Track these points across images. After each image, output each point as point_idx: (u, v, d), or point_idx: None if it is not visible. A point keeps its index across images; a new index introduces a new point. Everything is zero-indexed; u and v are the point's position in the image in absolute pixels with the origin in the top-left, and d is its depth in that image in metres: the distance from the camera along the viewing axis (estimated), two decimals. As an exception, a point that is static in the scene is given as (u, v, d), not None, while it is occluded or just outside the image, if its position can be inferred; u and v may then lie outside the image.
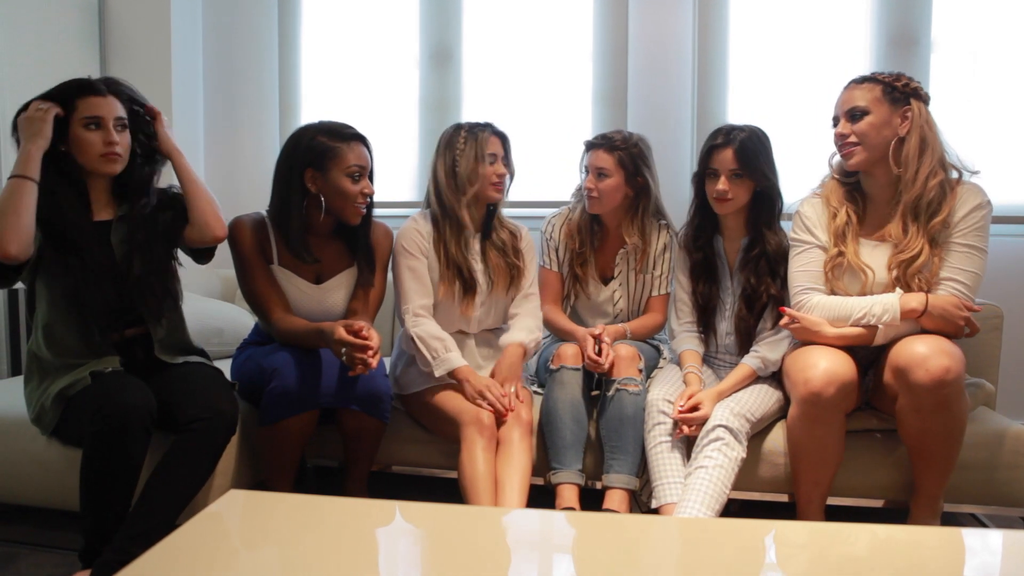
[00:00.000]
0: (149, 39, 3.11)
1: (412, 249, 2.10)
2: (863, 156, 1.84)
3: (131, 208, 1.81)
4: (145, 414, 1.61)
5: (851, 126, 1.84)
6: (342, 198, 1.93)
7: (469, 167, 2.07)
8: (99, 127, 1.73)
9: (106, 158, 1.74)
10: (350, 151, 1.91)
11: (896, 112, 1.82)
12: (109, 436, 1.57)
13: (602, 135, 2.20)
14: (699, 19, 2.91)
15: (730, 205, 1.99)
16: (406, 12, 3.18)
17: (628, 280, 2.26)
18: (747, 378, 1.99)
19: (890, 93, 1.82)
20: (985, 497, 1.92)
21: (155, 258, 1.82)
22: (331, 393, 1.87)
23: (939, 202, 1.79)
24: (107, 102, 1.75)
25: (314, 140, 1.92)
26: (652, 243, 2.23)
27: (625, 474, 1.92)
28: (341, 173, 1.91)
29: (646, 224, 2.22)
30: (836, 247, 1.88)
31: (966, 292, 1.78)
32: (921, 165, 1.80)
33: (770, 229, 2.03)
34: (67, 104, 1.73)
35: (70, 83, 1.76)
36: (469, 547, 1.22)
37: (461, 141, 2.09)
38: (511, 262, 2.17)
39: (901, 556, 1.20)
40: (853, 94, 1.86)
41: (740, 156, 1.95)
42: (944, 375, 1.65)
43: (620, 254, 2.25)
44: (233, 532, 1.25)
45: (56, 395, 1.73)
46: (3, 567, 1.83)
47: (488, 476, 1.85)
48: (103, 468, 1.59)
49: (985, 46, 2.73)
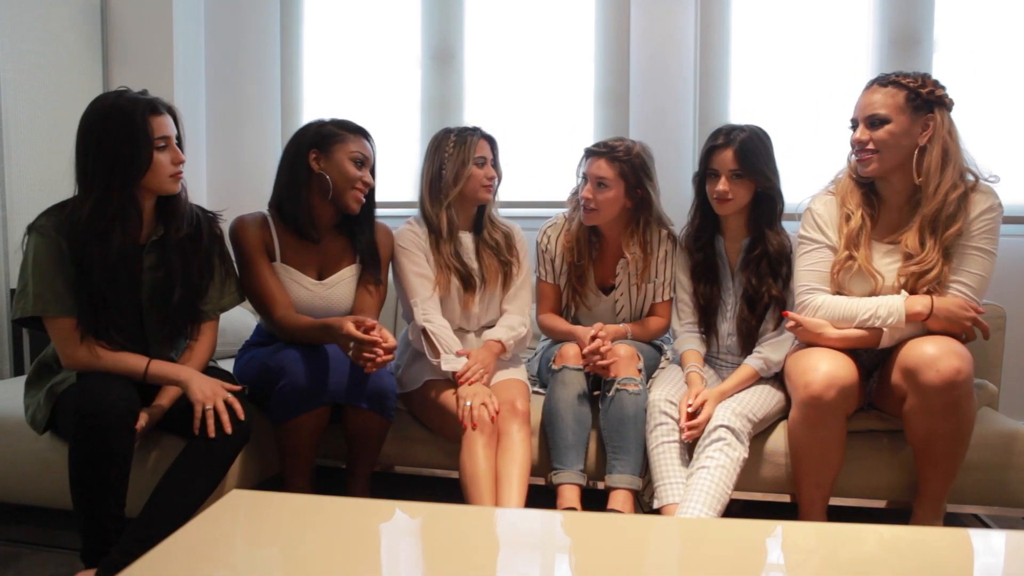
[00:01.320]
0: (151, 40, 3.11)
1: (410, 246, 2.13)
2: (879, 165, 1.81)
3: (167, 231, 1.79)
4: (126, 412, 1.60)
5: (870, 133, 1.80)
6: (344, 179, 1.97)
7: (455, 170, 2.10)
8: (167, 147, 1.73)
9: (175, 178, 1.75)
10: (354, 139, 1.99)
11: (918, 121, 1.78)
12: (91, 434, 1.56)
13: (604, 143, 2.13)
14: (701, 19, 2.91)
15: (731, 206, 1.99)
16: (408, 12, 3.18)
17: (629, 290, 2.25)
18: (750, 379, 1.98)
19: (913, 100, 1.77)
20: (988, 498, 1.92)
21: (191, 284, 1.82)
22: (341, 390, 1.87)
23: (956, 214, 1.76)
24: (168, 121, 1.74)
25: (322, 127, 2.01)
26: (655, 253, 2.20)
27: (628, 474, 1.92)
28: (345, 156, 1.97)
29: (647, 235, 2.18)
30: (847, 250, 1.85)
31: (972, 295, 1.77)
32: (943, 179, 1.75)
33: (771, 229, 2.03)
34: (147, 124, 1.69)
35: (138, 100, 1.70)
36: (470, 547, 1.22)
37: (450, 145, 2.12)
38: (504, 259, 2.20)
39: (904, 557, 1.20)
40: (874, 98, 1.80)
41: (740, 156, 1.94)
42: (955, 376, 1.64)
43: (620, 264, 2.22)
44: (235, 532, 1.25)
45: (47, 391, 1.74)
46: (5, 567, 1.83)
47: (489, 473, 1.86)
48: (88, 466, 1.59)
49: (987, 46, 2.72)
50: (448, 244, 2.14)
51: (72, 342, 1.68)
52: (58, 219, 1.69)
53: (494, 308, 2.24)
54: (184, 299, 1.80)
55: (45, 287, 1.66)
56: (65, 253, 1.67)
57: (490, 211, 2.23)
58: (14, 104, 2.75)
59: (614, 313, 2.27)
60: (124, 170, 1.67)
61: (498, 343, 2.13)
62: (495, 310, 2.24)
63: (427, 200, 2.15)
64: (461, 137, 2.13)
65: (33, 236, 1.69)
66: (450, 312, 2.16)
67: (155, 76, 3.08)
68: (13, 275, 2.76)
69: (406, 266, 2.12)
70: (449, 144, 2.12)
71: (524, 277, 2.25)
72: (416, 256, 2.12)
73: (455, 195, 2.12)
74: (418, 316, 2.07)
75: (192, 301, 1.82)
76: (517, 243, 2.25)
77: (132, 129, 1.67)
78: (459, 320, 2.20)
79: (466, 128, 2.16)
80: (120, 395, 1.61)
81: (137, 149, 1.67)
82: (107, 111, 1.68)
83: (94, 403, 1.57)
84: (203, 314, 1.86)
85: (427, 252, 2.14)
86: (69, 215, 1.69)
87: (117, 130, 1.66)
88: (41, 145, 2.85)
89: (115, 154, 1.66)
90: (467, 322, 2.21)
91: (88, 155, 1.68)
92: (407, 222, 2.20)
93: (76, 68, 3.01)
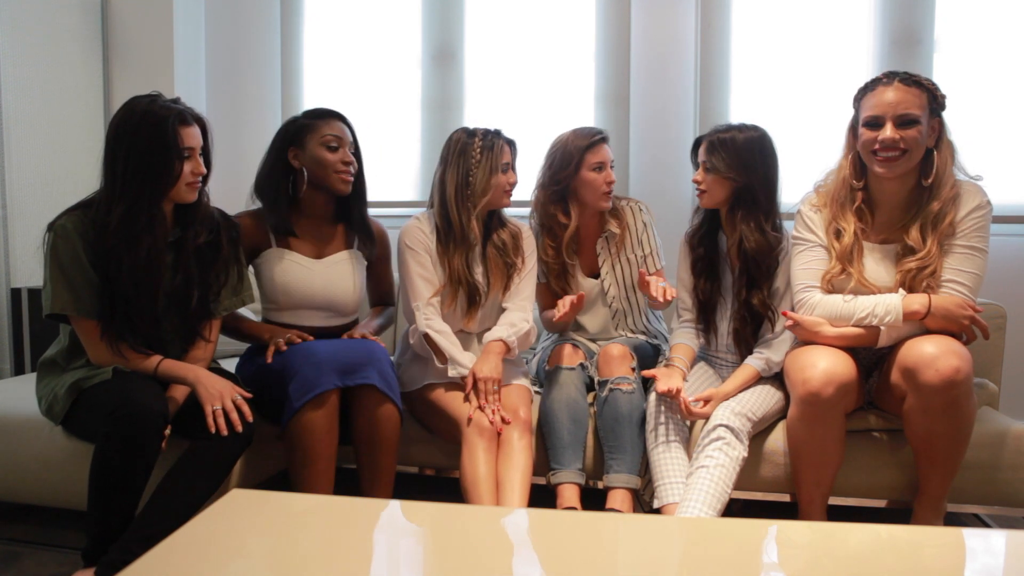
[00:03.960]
0: (152, 39, 3.11)
1: (416, 246, 2.11)
2: (907, 166, 1.79)
3: (184, 233, 1.80)
4: (160, 418, 1.61)
5: (900, 132, 1.75)
6: (321, 168, 2.01)
7: (484, 179, 2.06)
8: (190, 158, 1.74)
9: (191, 187, 1.77)
10: (325, 124, 2.02)
11: (932, 122, 1.80)
12: (123, 439, 1.57)
13: (592, 128, 2.23)
14: (701, 19, 2.91)
15: (706, 198, 2.03)
16: (408, 12, 3.18)
17: (614, 268, 2.26)
18: (751, 379, 1.98)
19: (931, 103, 1.78)
20: (988, 497, 1.92)
21: (208, 288, 1.83)
22: (351, 375, 1.84)
23: (948, 210, 1.78)
24: (195, 132, 1.76)
25: (295, 122, 2.05)
26: (629, 223, 2.26)
27: (625, 473, 1.92)
28: (317, 143, 2.01)
29: (618, 208, 2.26)
30: (841, 265, 1.85)
31: (967, 293, 1.77)
32: (949, 180, 1.78)
33: (748, 226, 1.99)
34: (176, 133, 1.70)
35: (171, 109, 1.71)
36: (470, 547, 1.22)
37: (476, 151, 2.07)
38: (509, 261, 2.17)
39: (904, 556, 1.20)
40: (907, 97, 1.75)
41: (710, 149, 1.98)
42: (954, 375, 1.64)
43: (600, 243, 2.26)
44: (235, 532, 1.25)
45: (70, 385, 1.74)
46: (6, 566, 1.83)
47: (489, 478, 1.86)
48: (114, 470, 1.59)
49: (988, 46, 2.72)
50: (464, 253, 2.10)
51: (94, 340, 1.72)
52: (81, 222, 1.71)
53: (496, 310, 2.21)
54: (201, 302, 1.82)
55: (62, 288, 1.69)
56: (84, 256, 1.68)
57: (501, 212, 2.22)
58: (14, 104, 2.75)
59: (604, 294, 2.28)
60: (155, 180, 1.70)
61: (500, 342, 2.08)
62: (496, 312, 2.22)
63: (453, 206, 2.08)
64: (487, 143, 2.07)
65: (52, 237, 1.71)
66: (452, 318, 2.14)
67: (155, 76, 3.08)
68: (13, 274, 2.76)
69: (411, 267, 2.10)
70: (475, 151, 2.07)
71: (527, 273, 2.20)
72: (422, 257, 2.10)
73: (483, 205, 2.09)
74: (420, 321, 2.05)
75: (208, 304, 1.84)
76: (524, 242, 2.21)
77: (164, 139, 1.68)
78: (460, 323, 2.18)
79: (488, 131, 2.11)
80: (155, 397, 1.63)
81: (168, 160, 1.70)
82: (140, 117, 1.69)
83: (129, 403, 1.58)
84: (213, 312, 1.88)
85: (433, 254, 2.12)
86: (94, 219, 1.70)
87: (149, 139, 1.68)
88: (41, 144, 2.85)
89: (147, 164, 1.68)
90: (468, 327, 2.19)
91: (117, 160, 1.69)
92: (414, 218, 2.16)
93: (76, 68, 3.01)
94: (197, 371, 1.74)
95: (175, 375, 1.74)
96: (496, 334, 2.10)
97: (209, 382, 1.72)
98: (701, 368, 2.13)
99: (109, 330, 1.71)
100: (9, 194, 2.73)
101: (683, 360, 2.05)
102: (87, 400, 1.71)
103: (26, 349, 2.70)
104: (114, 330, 1.71)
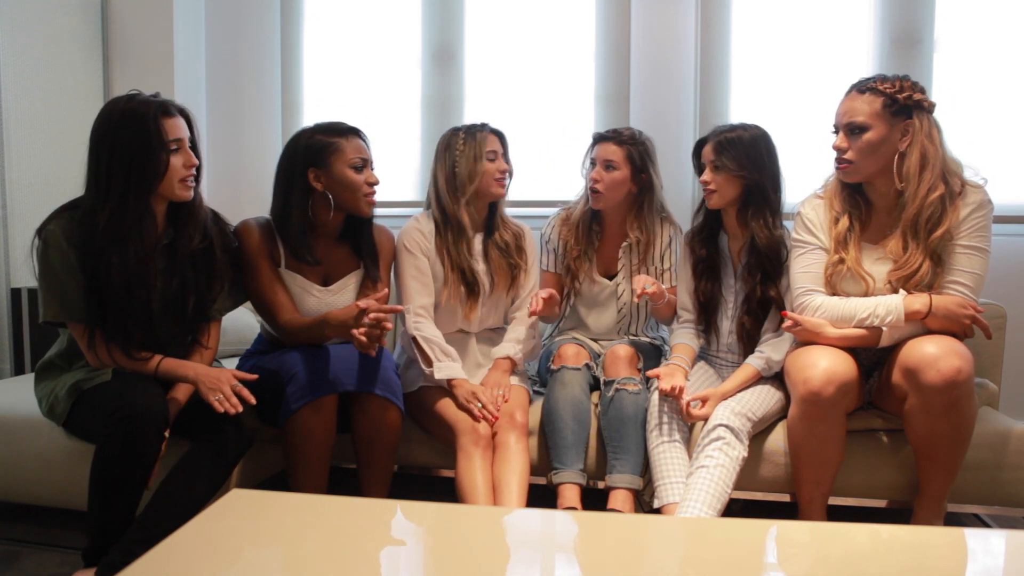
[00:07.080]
0: (151, 40, 3.10)
1: (414, 248, 2.11)
2: (856, 174, 1.83)
3: (177, 237, 1.78)
4: (160, 419, 1.61)
5: (848, 141, 1.80)
6: (349, 190, 1.93)
7: (469, 167, 2.09)
8: (179, 150, 1.71)
9: (184, 183, 1.72)
10: (348, 144, 1.93)
11: (897, 126, 1.78)
12: (123, 440, 1.57)
13: (612, 129, 2.23)
14: (701, 19, 2.91)
15: (715, 197, 2.01)
16: (408, 12, 3.18)
17: (632, 275, 2.25)
18: (751, 378, 1.98)
19: (890, 107, 1.77)
20: (988, 497, 1.92)
21: (204, 293, 1.82)
22: (349, 379, 1.83)
23: (939, 216, 1.75)
24: (180, 123, 1.71)
25: (312, 139, 1.94)
26: (657, 237, 2.24)
27: (628, 474, 1.92)
28: (344, 166, 1.92)
29: (649, 220, 2.23)
30: (837, 253, 1.86)
31: (969, 293, 1.77)
32: (921, 182, 1.76)
33: (759, 223, 2.00)
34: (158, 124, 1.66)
35: (150, 102, 1.68)
36: (470, 547, 1.22)
37: (460, 143, 2.11)
38: (513, 262, 2.18)
39: (904, 556, 1.20)
40: (853, 105, 1.80)
41: (718, 148, 1.98)
42: (955, 376, 1.64)
43: (623, 248, 2.26)
44: (235, 532, 1.25)
45: (71, 386, 1.74)
46: (6, 566, 1.83)
47: (486, 485, 1.86)
48: (114, 470, 1.59)
49: (988, 45, 2.72)
50: (463, 243, 2.12)
51: (90, 344, 1.71)
52: (68, 225, 1.69)
53: (497, 311, 2.23)
54: (197, 307, 1.81)
55: (53, 295, 1.68)
56: (74, 261, 1.67)
57: (501, 210, 2.22)
58: (14, 104, 2.75)
59: (616, 297, 2.27)
60: (140, 177, 1.66)
61: (507, 360, 2.13)
62: (498, 312, 2.23)
63: (447, 198, 2.11)
64: (470, 133, 2.12)
65: (41, 244, 1.69)
66: (453, 315, 2.15)
67: (155, 76, 3.07)
68: (13, 275, 2.76)
69: (406, 270, 2.12)
70: (459, 141, 2.12)
71: (533, 284, 2.23)
72: (418, 261, 2.11)
73: (472, 192, 2.11)
74: (409, 324, 2.07)
75: (204, 308, 1.83)
76: (526, 244, 2.23)
77: (145, 133, 1.65)
78: (460, 322, 2.19)
79: (473, 125, 2.15)
80: (155, 399, 1.62)
81: (151, 154, 1.66)
82: (119, 116, 1.66)
83: (129, 405, 1.58)
84: (209, 316, 1.87)
85: (431, 253, 2.13)
86: (82, 221, 1.68)
87: (131, 135, 1.65)
88: (41, 145, 2.85)
89: (130, 160, 1.65)
90: (468, 325, 2.20)
91: (101, 161, 1.66)
92: (414, 218, 2.17)
93: (76, 68, 3.01)
94: (196, 367, 1.74)
95: (175, 374, 1.74)
96: (504, 351, 2.13)
97: (207, 376, 1.71)
98: (701, 368, 2.13)
99: (103, 334, 1.70)
100: (9, 194, 2.73)
101: (684, 359, 2.05)
102: (87, 401, 1.72)
103: (26, 349, 2.70)
104: (109, 334, 1.70)
